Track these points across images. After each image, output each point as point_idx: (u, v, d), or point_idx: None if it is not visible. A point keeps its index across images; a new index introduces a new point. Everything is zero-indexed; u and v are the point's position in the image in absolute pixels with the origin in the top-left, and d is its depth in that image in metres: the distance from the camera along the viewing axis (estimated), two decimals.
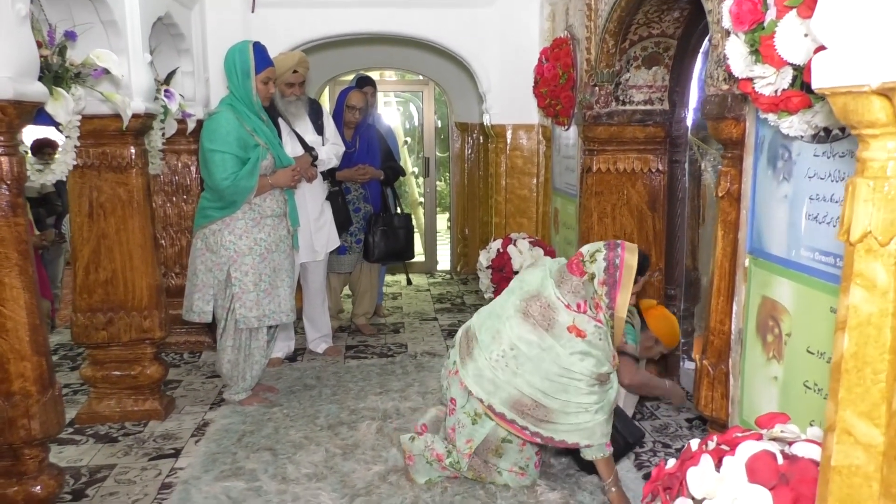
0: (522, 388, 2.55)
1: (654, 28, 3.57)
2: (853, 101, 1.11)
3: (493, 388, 2.60)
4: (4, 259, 2.33)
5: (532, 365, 2.54)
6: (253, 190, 3.45)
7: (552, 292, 2.58)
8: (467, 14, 4.98)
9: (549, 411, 2.54)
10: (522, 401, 2.56)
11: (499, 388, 2.59)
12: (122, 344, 3.53)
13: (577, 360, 2.50)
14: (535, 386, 2.54)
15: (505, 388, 2.58)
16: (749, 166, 2.22)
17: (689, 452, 1.64)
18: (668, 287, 3.95)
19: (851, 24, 1.07)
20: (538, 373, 2.53)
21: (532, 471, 2.78)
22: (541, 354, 2.53)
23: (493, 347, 2.63)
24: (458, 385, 2.70)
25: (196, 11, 4.51)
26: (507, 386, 2.58)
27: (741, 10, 1.77)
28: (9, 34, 2.22)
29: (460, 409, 2.71)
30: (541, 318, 2.55)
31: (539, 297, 2.59)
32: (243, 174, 3.40)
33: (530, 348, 2.55)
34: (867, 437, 1.16)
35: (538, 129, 5.19)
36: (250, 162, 3.44)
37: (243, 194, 3.43)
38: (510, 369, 2.57)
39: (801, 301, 1.94)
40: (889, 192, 1.10)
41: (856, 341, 1.17)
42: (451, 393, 2.74)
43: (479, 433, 2.70)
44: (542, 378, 2.53)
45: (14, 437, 2.38)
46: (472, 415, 2.69)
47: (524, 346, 2.56)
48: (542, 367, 2.53)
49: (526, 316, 2.59)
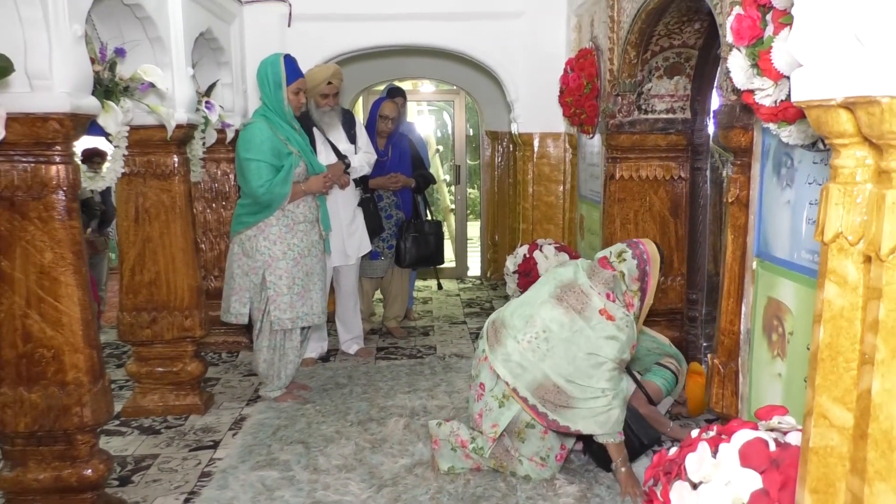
0: (549, 371, 2.71)
1: (675, 39, 3.68)
2: (824, 113, 1.23)
3: (521, 370, 2.75)
4: (60, 259, 2.52)
5: (563, 348, 2.70)
6: (287, 196, 3.62)
7: (585, 281, 2.79)
8: (496, 26, 5.12)
9: (569, 398, 2.68)
10: (545, 385, 2.71)
11: (525, 371, 2.74)
12: (164, 342, 3.73)
13: (604, 343, 2.67)
14: (560, 371, 2.69)
15: (531, 371, 2.73)
16: (756, 173, 2.33)
17: (689, 440, 1.75)
18: (689, 291, 4.03)
19: (820, 44, 1.19)
20: (567, 356, 2.69)
21: (553, 463, 2.90)
22: (571, 337, 2.70)
23: (526, 330, 2.79)
24: (488, 370, 2.86)
25: (235, 26, 4.73)
26: (533, 369, 2.73)
27: (741, 26, 1.88)
28: (66, 53, 2.42)
29: (488, 392, 2.86)
30: (575, 302, 2.75)
31: (573, 286, 2.80)
32: (278, 181, 3.58)
33: (562, 330, 2.71)
34: (840, 420, 1.27)
35: (564, 137, 5.31)
36: (284, 169, 3.61)
37: (278, 200, 3.61)
38: (540, 351, 2.73)
39: (801, 301, 2.04)
40: (857, 197, 1.21)
41: (830, 332, 1.27)
42: (481, 378, 2.90)
43: (505, 416, 2.83)
44: (569, 362, 2.69)
45: (68, 423, 2.57)
46: (500, 398, 2.83)
47: (556, 328, 2.73)
48: (571, 349, 2.69)
49: (559, 301, 2.78)
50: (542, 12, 5.09)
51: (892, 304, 1.13)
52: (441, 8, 5.00)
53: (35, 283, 2.52)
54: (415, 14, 5.02)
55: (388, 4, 4.97)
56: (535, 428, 2.84)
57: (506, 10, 5.07)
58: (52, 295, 2.53)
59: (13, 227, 2.49)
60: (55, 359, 2.55)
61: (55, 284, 2.53)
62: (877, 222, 1.13)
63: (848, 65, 1.13)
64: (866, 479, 1.17)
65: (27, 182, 2.47)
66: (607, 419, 2.67)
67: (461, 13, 5.04)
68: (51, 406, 2.56)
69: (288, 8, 4.92)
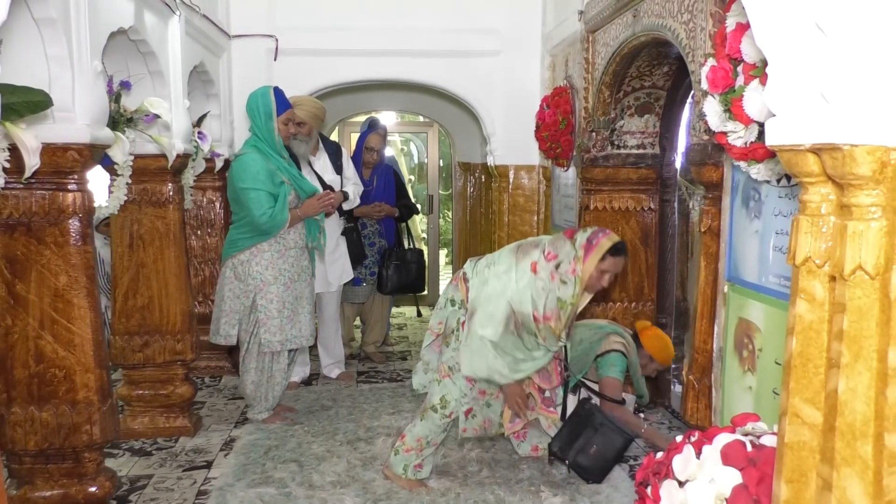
0: (479, 293, 3.04)
1: (645, 80, 3.95)
2: (794, 156, 1.45)
3: (477, 287, 3.08)
4: (74, 282, 2.64)
5: (492, 281, 3.02)
6: (286, 222, 3.78)
7: (545, 241, 3.08)
8: (474, 63, 5.38)
9: (470, 321, 3.03)
10: (472, 304, 3.05)
11: (477, 288, 3.07)
12: (155, 365, 3.82)
13: (514, 286, 2.97)
14: (481, 296, 3.02)
15: (475, 288, 3.07)
16: (727, 205, 2.57)
17: (675, 444, 1.95)
18: (659, 315, 4.27)
19: (791, 98, 1.42)
20: (486, 286, 3.02)
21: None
22: (501, 274, 3.01)
23: (483, 262, 3.16)
24: (462, 284, 3.19)
25: (224, 59, 4.90)
26: (476, 288, 3.07)
27: (715, 76, 2.13)
28: (87, 87, 2.57)
29: (447, 300, 3.25)
30: (521, 255, 3.05)
31: (532, 243, 3.14)
32: (278, 209, 3.74)
33: (498, 268, 3.04)
34: (811, 418, 1.47)
35: (539, 169, 5.56)
36: (280, 197, 3.77)
37: (279, 227, 3.76)
38: (482, 276, 3.07)
39: (769, 320, 2.27)
40: (823, 227, 1.43)
41: (801, 343, 1.49)
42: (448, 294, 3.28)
43: (450, 315, 3.20)
44: (488, 294, 3.00)
45: (77, 441, 2.67)
46: (451, 299, 3.21)
47: (499, 265, 3.05)
48: (493, 283, 3.00)
49: (515, 251, 3.10)
50: (518, 52, 5.35)
51: (854, 316, 1.34)
52: (422, 46, 5.24)
53: (49, 306, 2.63)
54: (396, 51, 5.25)
55: (371, 41, 5.19)
56: (457, 335, 3.15)
57: (483, 48, 5.34)
58: (66, 317, 2.64)
59: (29, 251, 2.61)
60: (67, 378, 2.66)
61: (69, 307, 2.64)
62: (840, 248, 1.34)
63: (815, 116, 1.36)
64: (834, 465, 1.37)
65: (44, 208, 2.60)
66: (472, 360, 3.00)
67: (441, 51, 5.29)
68: (61, 424, 2.66)
69: (275, 42, 5.11)
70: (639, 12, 3.33)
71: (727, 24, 2.14)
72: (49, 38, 2.42)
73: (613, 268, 2.95)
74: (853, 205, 1.34)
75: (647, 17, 3.23)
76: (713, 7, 2.57)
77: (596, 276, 2.93)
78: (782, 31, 1.41)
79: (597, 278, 2.93)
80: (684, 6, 2.85)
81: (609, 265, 2.92)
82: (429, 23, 5.23)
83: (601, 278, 2.94)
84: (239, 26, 5.02)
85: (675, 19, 2.94)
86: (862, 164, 1.29)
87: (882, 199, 1.31)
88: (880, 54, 1.25)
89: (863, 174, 1.29)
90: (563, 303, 2.94)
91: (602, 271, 2.92)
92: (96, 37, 2.66)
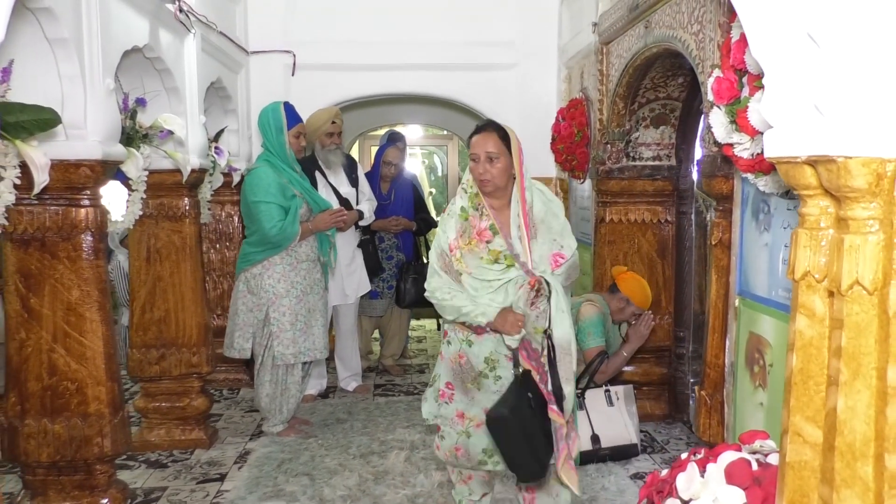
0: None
1: (660, 91, 3.92)
2: (792, 168, 1.43)
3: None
4: (87, 296, 2.68)
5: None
6: (297, 235, 3.80)
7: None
8: (490, 76, 5.38)
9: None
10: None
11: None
12: (172, 378, 3.86)
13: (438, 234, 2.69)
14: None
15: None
16: (737, 218, 2.53)
17: (679, 462, 1.91)
18: (677, 329, 4.21)
19: (787, 111, 1.40)
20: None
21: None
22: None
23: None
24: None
25: (242, 75, 4.95)
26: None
27: (721, 87, 2.10)
28: (99, 104, 2.61)
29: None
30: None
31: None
32: (288, 222, 3.77)
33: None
34: (813, 437, 1.44)
35: (556, 181, 5.53)
36: (291, 210, 3.80)
37: (289, 239, 3.79)
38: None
39: (779, 334, 2.22)
40: (822, 240, 1.40)
41: (801, 359, 1.45)
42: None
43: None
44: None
45: (89, 453, 2.70)
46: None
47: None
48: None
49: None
50: (534, 64, 5.35)
51: (851, 332, 1.31)
52: (438, 59, 5.26)
53: (62, 319, 2.67)
54: (413, 65, 5.27)
55: (388, 56, 5.22)
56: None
57: (500, 61, 5.33)
58: (78, 330, 2.68)
59: (43, 266, 2.65)
60: (79, 391, 2.69)
61: (81, 320, 2.68)
62: (837, 262, 1.31)
63: (810, 129, 1.33)
64: (834, 486, 1.33)
65: (58, 224, 2.64)
66: (442, 312, 2.65)
67: (457, 64, 5.30)
68: (73, 437, 2.69)
69: (292, 58, 5.16)
70: (650, 23, 3.31)
71: (732, 35, 2.11)
72: (61, 57, 2.47)
73: (477, 146, 2.53)
74: (850, 218, 1.31)
75: (659, 28, 3.21)
76: (721, 17, 2.54)
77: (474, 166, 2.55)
78: (777, 42, 1.39)
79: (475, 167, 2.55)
80: (694, 17, 2.83)
81: (476, 141, 2.54)
82: (445, 36, 5.24)
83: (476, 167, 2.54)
84: (257, 42, 5.08)
85: (686, 30, 2.91)
86: (857, 176, 1.26)
87: (879, 213, 1.28)
88: (874, 66, 1.22)
89: (858, 186, 1.26)
90: (465, 212, 2.58)
91: (473, 157, 2.55)
92: (109, 55, 2.71)
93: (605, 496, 3.23)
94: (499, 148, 2.54)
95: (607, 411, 3.65)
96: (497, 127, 2.62)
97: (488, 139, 2.55)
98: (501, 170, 2.53)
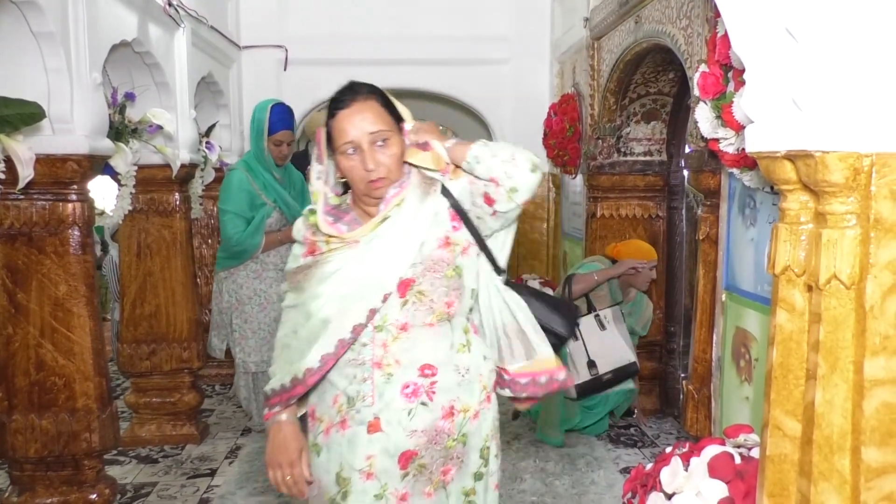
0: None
1: (651, 87, 3.92)
2: (772, 163, 1.43)
3: None
4: (74, 291, 2.68)
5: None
6: (259, 246, 3.62)
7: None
8: (483, 71, 5.38)
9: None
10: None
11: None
12: (163, 373, 3.85)
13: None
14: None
15: None
16: (724, 213, 2.54)
17: (664, 455, 1.92)
18: (668, 324, 4.22)
19: (766, 105, 1.40)
20: None
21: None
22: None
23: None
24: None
25: (234, 70, 4.94)
26: None
27: (706, 82, 2.10)
28: (86, 99, 2.60)
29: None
30: None
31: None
32: (248, 233, 3.58)
33: None
34: (792, 430, 1.44)
35: (548, 177, 5.53)
36: (255, 220, 3.61)
37: (251, 250, 3.63)
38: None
39: (765, 329, 2.22)
40: (801, 235, 1.40)
41: (781, 353, 1.45)
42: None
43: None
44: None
45: (77, 448, 2.70)
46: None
47: None
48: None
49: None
50: (526, 59, 5.35)
51: (829, 326, 1.31)
52: (430, 54, 5.25)
53: (49, 315, 2.67)
54: (405, 60, 5.26)
55: (380, 50, 5.21)
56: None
57: (492, 56, 5.33)
58: (66, 325, 2.68)
59: (30, 261, 2.65)
60: (66, 386, 2.69)
61: (68, 315, 2.68)
62: (815, 257, 1.31)
63: (788, 123, 1.33)
64: (812, 479, 1.34)
65: (45, 218, 2.63)
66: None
67: (450, 59, 5.29)
68: (61, 432, 2.69)
69: (284, 53, 5.15)
70: (640, 18, 3.31)
71: (718, 30, 2.12)
72: (48, 51, 2.46)
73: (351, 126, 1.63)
74: (828, 213, 1.31)
75: (648, 24, 3.21)
76: (709, 12, 2.54)
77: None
78: (756, 36, 1.39)
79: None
80: (682, 12, 2.83)
81: (344, 120, 1.64)
82: (438, 31, 5.24)
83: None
84: (249, 37, 5.07)
85: (675, 25, 2.91)
86: (834, 170, 1.26)
87: (856, 207, 1.28)
88: (851, 60, 1.22)
89: (836, 181, 1.27)
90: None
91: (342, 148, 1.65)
92: (96, 49, 2.70)
93: (595, 490, 3.24)
94: (387, 121, 1.66)
95: (600, 335, 3.64)
96: (375, 89, 1.75)
97: (366, 110, 1.64)
98: (397, 157, 1.66)
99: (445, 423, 1.65)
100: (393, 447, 1.61)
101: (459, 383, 1.66)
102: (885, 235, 1.26)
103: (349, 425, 1.62)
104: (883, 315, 1.27)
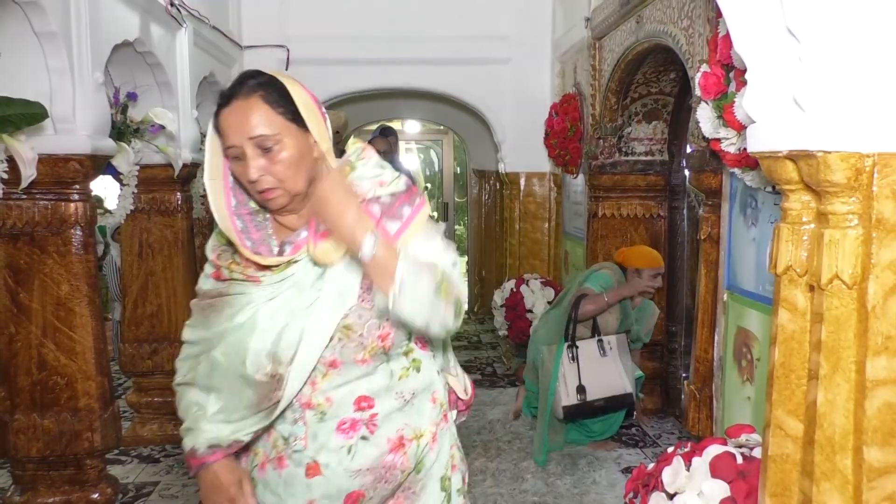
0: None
1: (652, 87, 3.92)
2: (774, 163, 1.43)
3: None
4: (76, 291, 2.68)
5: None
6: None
7: None
8: (484, 71, 5.38)
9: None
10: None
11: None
12: (164, 372, 3.85)
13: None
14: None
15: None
16: (726, 213, 2.53)
17: (665, 455, 1.92)
18: (670, 324, 4.22)
19: (768, 105, 1.40)
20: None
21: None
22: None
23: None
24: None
25: (235, 70, 4.94)
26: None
27: (707, 82, 2.10)
28: (88, 98, 2.61)
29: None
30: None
31: None
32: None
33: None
34: (794, 430, 1.44)
35: (549, 176, 5.53)
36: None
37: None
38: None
39: (766, 329, 2.22)
40: (803, 235, 1.40)
41: (783, 353, 1.46)
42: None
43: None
44: None
45: (79, 448, 2.70)
46: None
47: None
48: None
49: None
50: (528, 59, 5.35)
51: (831, 326, 1.31)
52: (432, 54, 5.25)
53: (51, 314, 2.67)
54: (407, 59, 5.26)
55: (382, 50, 5.22)
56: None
57: (494, 56, 5.34)
58: (68, 325, 2.68)
59: (32, 260, 2.65)
60: (68, 386, 2.69)
61: (70, 315, 2.68)
62: (817, 257, 1.32)
63: (790, 123, 1.33)
64: (814, 479, 1.34)
65: (47, 218, 2.64)
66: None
67: (451, 59, 5.30)
68: (63, 431, 2.69)
69: (286, 52, 5.15)
70: (642, 18, 3.31)
71: (720, 30, 2.12)
72: (50, 51, 2.46)
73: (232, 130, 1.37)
74: (830, 213, 1.31)
75: (650, 24, 3.21)
76: (710, 12, 2.54)
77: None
78: (758, 36, 1.39)
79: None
80: (684, 12, 2.83)
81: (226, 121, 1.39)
82: (439, 31, 5.24)
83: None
84: (250, 37, 5.07)
85: (676, 25, 2.91)
86: (836, 171, 1.26)
87: (858, 207, 1.28)
88: (853, 60, 1.22)
89: (837, 181, 1.27)
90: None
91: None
92: (98, 49, 2.70)
93: (596, 489, 3.25)
94: (274, 124, 1.36)
95: (598, 361, 3.58)
96: (265, 83, 1.39)
97: (248, 111, 1.35)
98: (289, 162, 1.37)
99: (395, 456, 1.44)
100: (335, 490, 1.42)
101: (402, 408, 1.46)
102: (886, 235, 1.26)
103: (286, 464, 1.42)
104: (885, 315, 1.27)
